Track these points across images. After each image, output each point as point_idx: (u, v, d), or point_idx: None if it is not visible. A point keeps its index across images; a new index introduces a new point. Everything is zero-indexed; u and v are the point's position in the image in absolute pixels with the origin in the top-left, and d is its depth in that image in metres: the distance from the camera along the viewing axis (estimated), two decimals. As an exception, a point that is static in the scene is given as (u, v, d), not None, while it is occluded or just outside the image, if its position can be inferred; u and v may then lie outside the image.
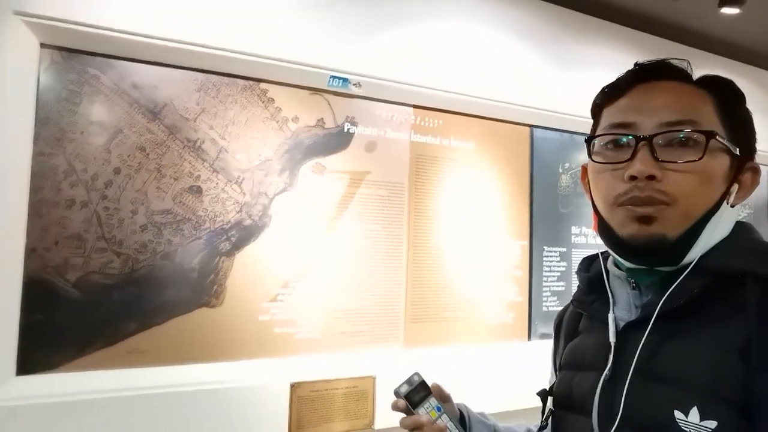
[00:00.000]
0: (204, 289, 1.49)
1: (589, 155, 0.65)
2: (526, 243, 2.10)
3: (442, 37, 1.89)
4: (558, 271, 2.19)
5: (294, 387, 1.53)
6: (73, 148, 1.35)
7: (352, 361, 1.67)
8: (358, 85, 1.72)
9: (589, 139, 0.66)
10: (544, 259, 2.16)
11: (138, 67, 1.45)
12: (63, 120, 1.35)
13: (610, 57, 2.28)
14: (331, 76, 1.66)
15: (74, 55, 1.37)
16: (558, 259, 2.19)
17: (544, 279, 2.15)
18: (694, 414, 0.51)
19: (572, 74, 2.21)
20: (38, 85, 1.33)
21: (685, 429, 0.51)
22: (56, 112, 1.34)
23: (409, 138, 1.87)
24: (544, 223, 2.16)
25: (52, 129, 1.33)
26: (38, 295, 1.29)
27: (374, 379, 1.66)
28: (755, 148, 0.63)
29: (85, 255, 1.35)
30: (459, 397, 0.89)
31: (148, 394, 1.37)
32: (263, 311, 1.56)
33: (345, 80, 1.69)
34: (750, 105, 0.64)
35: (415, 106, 1.88)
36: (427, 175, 1.89)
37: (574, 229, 2.25)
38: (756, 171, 0.63)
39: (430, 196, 1.89)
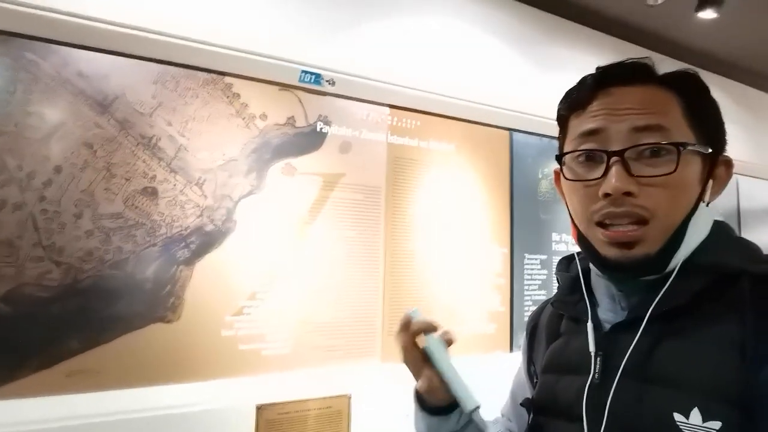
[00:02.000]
0: (159, 302, 1.33)
1: (561, 170, 0.64)
2: (507, 250, 2.02)
3: (421, 36, 1.81)
4: (539, 280, 2.12)
5: (260, 409, 1.39)
6: (5, 143, 1.19)
7: (326, 379, 1.53)
8: (331, 82, 1.62)
9: (560, 156, 0.64)
10: (526, 267, 2.09)
11: (85, 54, 1.30)
12: (-6, 110, 1.19)
13: (590, 62, 2.24)
14: (303, 71, 1.55)
15: (8, 38, 1.21)
16: (539, 266, 2.13)
17: (526, 287, 2.08)
18: (695, 415, 0.49)
19: (552, 78, 2.16)
20: (-35, 71, 1.16)
21: (687, 431, 0.49)
22: (-15, 102, 1.18)
23: (385, 139, 1.77)
24: (524, 229, 2.10)
25: (-20, 120, 1.17)
26: (-42, 312, 1.12)
27: (349, 398, 1.53)
28: (725, 140, 0.62)
29: (18, 264, 1.18)
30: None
31: (92, 423, 1.20)
32: (227, 326, 1.42)
33: (318, 76, 1.58)
34: (723, 117, 0.62)
35: (391, 106, 1.78)
36: (404, 178, 1.79)
37: (555, 236, 2.19)
38: (729, 164, 0.62)
39: (408, 200, 1.79)
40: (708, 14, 2.03)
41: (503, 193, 2.04)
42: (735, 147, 0.64)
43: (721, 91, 2.76)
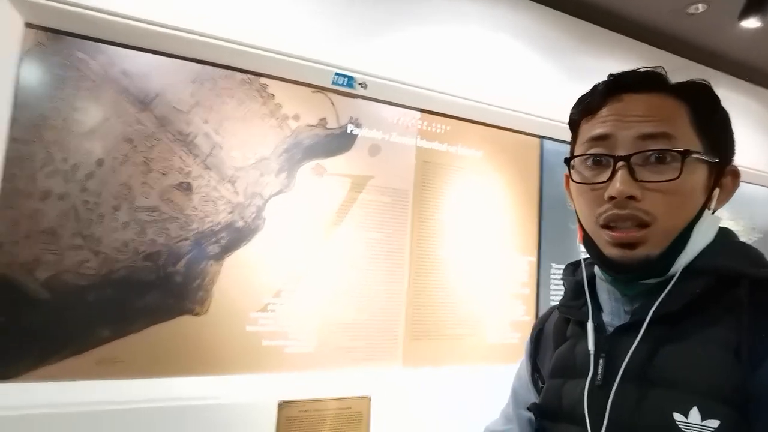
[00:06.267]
0: (188, 295, 1.37)
1: (570, 173, 0.66)
2: (534, 259, 1.99)
3: (453, 41, 1.81)
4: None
5: (282, 406, 1.40)
6: (52, 136, 1.25)
7: (346, 380, 1.54)
8: (363, 84, 1.63)
9: (569, 159, 0.66)
10: (552, 276, 2.05)
11: (130, 53, 1.35)
12: (44, 105, 1.25)
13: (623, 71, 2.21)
14: (336, 74, 1.57)
15: (61, 37, 1.28)
16: (566, 277, 2.08)
17: (552, 298, 2.04)
18: (694, 414, 0.51)
19: (584, 87, 2.12)
20: (19, 67, 1.23)
21: (686, 431, 0.50)
22: (37, 96, 1.24)
23: (415, 143, 1.77)
24: (552, 238, 2.06)
25: (30, 114, 1.23)
26: (1, 295, 1.17)
27: (369, 399, 1.53)
28: (734, 150, 0.64)
29: (59, 252, 1.23)
30: (461, 422, 0.79)
31: (119, 409, 1.24)
32: (252, 321, 1.44)
33: (350, 79, 1.60)
34: (762, 128, 0.60)
35: (422, 110, 1.79)
36: (432, 183, 1.79)
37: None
38: (736, 174, 0.63)
39: (436, 205, 1.79)
40: (751, 23, 1.97)
41: (532, 201, 2.01)
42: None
43: (762, 103, 2.66)
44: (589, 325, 0.63)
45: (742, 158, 0.65)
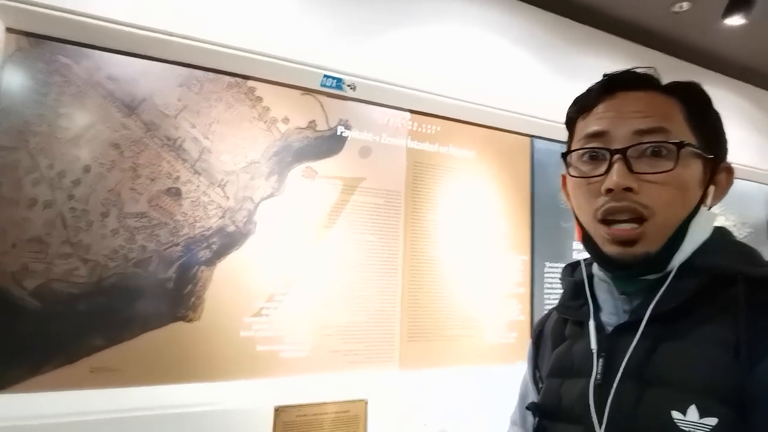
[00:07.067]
0: (180, 302, 1.35)
1: (567, 169, 0.66)
2: (528, 258, 1.99)
3: (442, 42, 1.81)
4: (560, 289, 2.08)
5: (278, 411, 1.39)
6: (37, 142, 1.23)
7: (343, 383, 1.53)
8: (352, 86, 1.63)
9: (565, 154, 0.67)
10: (546, 275, 2.06)
11: (115, 57, 1.34)
12: (27, 111, 1.23)
13: (612, 70, 2.23)
14: (325, 76, 1.56)
15: (44, 41, 1.26)
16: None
17: (546, 297, 2.04)
18: (692, 412, 0.51)
19: (574, 85, 2.13)
20: (1, 72, 1.21)
21: (684, 429, 0.50)
22: (20, 102, 1.22)
23: (405, 144, 1.77)
24: (545, 237, 2.07)
25: (14, 120, 1.21)
26: (-11, 305, 1.15)
27: (366, 403, 1.52)
28: (727, 149, 0.65)
29: (47, 261, 1.21)
30: (459, 423, 0.78)
31: (113, 418, 1.22)
32: (245, 327, 1.42)
33: (339, 81, 1.60)
34: (749, 125, 0.61)
35: (412, 111, 1.79)
36: (424, 184, 1.79)
37: (576, 245, 2.15)
38: (730, 171, 0.64)
39: (428, 206, 1.79)
40: (735, 20, 1.99)
41: (524, 200, 2.02)
42: (764, 157, 0.63)
43: (748, 99, 2.70)
44: (591, 325, 0.63)
45: (729, 154, 0.66)
